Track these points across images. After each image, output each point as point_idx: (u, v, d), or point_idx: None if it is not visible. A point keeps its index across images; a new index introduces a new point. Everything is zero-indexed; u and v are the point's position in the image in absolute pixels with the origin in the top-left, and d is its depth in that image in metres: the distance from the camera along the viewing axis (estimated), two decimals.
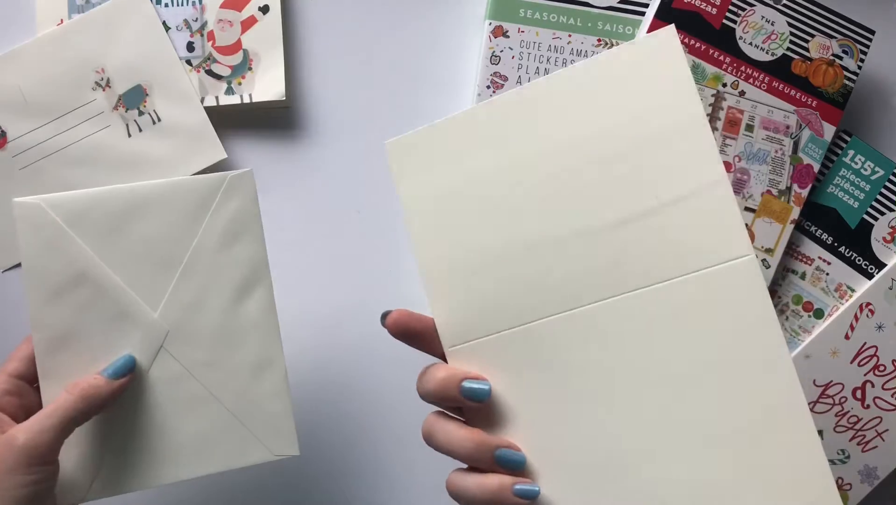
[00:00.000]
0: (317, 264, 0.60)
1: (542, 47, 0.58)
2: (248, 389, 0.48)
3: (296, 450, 0.48)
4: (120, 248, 0.47)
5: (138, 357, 0.47)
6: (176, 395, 0.47)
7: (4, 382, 0.45)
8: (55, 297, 0.46)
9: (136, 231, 0.47)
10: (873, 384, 0.57)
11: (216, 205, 0.48)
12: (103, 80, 0.57)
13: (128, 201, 0.47)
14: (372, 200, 0.60)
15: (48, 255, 0.46)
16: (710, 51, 0.57)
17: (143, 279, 0.47)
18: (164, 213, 0.47)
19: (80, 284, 0.46)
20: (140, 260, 0.47)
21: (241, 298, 0.48)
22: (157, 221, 0.48)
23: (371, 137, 0.61)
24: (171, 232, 0.48)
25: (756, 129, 0.57)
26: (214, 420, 0.48)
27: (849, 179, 0.59)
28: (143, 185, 0.48)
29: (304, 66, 0.61)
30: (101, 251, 0.47)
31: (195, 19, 0.58)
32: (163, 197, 0.48)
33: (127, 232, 0.47)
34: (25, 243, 0.46)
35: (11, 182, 0.57)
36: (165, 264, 0.47)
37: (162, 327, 0.47)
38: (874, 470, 0.57)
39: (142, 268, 0.47)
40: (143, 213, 0.47)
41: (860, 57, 0.57)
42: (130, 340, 0.47)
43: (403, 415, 0.60)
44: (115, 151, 0.57)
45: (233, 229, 0.48)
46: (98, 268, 0.47)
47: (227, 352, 0.48)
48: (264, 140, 0.60)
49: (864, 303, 0.58)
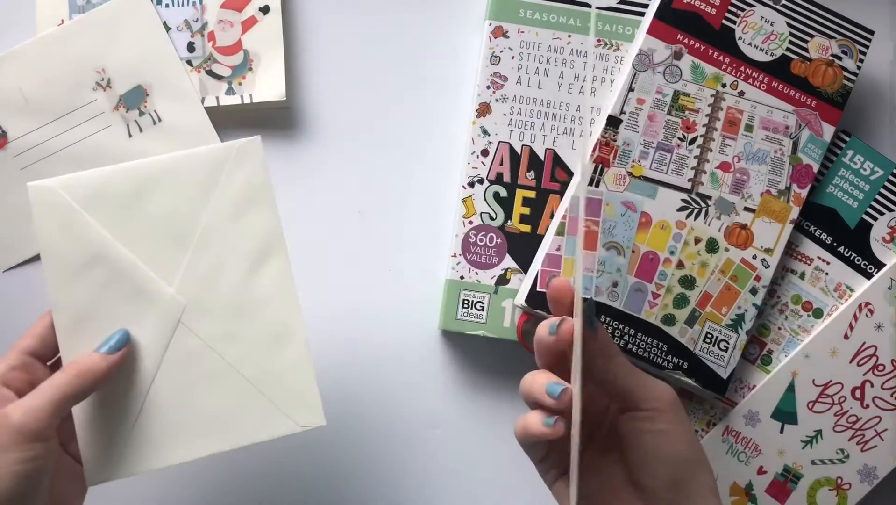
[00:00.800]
0: (317, 264, 0.60)
1: (542, 47, 0.58)
2: (269, 360, 0.48)
3: (321, 420, 0.47)
4: (134, 226, 0.47)
5: (157, 333, 0.47)
6: (197, 369, 0.47)
7: (16, 358, 0.45)
8: (73, 278, 0.46)
9: (148, 208, 0.47)
10: (872, 384, 0.57)
11: (226, 175, 0.48)
12: (104, 80, 0.57)
13: (138, 178, 0.47)
14: (372, 200, 0.60)
15: (64, 236, 0.46)
16: (709, 51, 0.57)
17: (158, 255, 0.47)
18: (174, 187, 0.47)
19: (96, 264, 0.46)
20: (154, 236, 0.47)
21: (257, 269, 0.48)
22: (168, 196, 0.47)
23: (371, 137, 0.61)
24: (183, 206, 0.47)
25: (755, 129, 0.57)
26: (237, 394, 0.47)
27: (848, 179, 0.59)
28: (153, 160, 0.47)
29: (304, 66, 0.61)
30: (116, 230, 0.47)
31: (196, 20, 0.58)
32: (172, 172, 0.47)
33: (139, 209, 0.47)
34: (41, 226, 0.46)
35: (12, 182, 0.57)
36: (179, 239, 0.47)
37: (179, 302, 0.47)
38: (873, 469, 0.58)
39: (156, 244, 0.47)
40: (154, 190, 0.47)
41: (859, 57, 0.57)
42: (149, 316, 0.47)
43: (403, 414, 0.60)
44: (116, 152, 0.57)
45: (245, 199, 0.48)
46: (113, 247, 0.47)
47: (245, 324, 0.48)
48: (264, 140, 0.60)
49: (863, 303, 0.58)
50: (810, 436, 0.58)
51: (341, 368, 0.60)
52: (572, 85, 0.58)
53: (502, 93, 0.58)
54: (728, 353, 0.57)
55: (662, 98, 0.57)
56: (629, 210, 0.57)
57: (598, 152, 0.56)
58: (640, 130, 0.57)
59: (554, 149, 0.58)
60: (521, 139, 0.58)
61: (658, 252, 0.57)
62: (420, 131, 0.61)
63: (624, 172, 0.57)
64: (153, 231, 0.47)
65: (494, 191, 0.58)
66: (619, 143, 0.56)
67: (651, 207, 0.57)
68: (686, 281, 0.57)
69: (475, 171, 0.58)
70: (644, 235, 0.57)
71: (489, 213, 0.58)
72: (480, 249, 0.58)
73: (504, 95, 0.58)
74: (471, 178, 0.58)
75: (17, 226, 0.57)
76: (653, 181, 0.57)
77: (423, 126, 0.61)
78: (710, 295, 0.57)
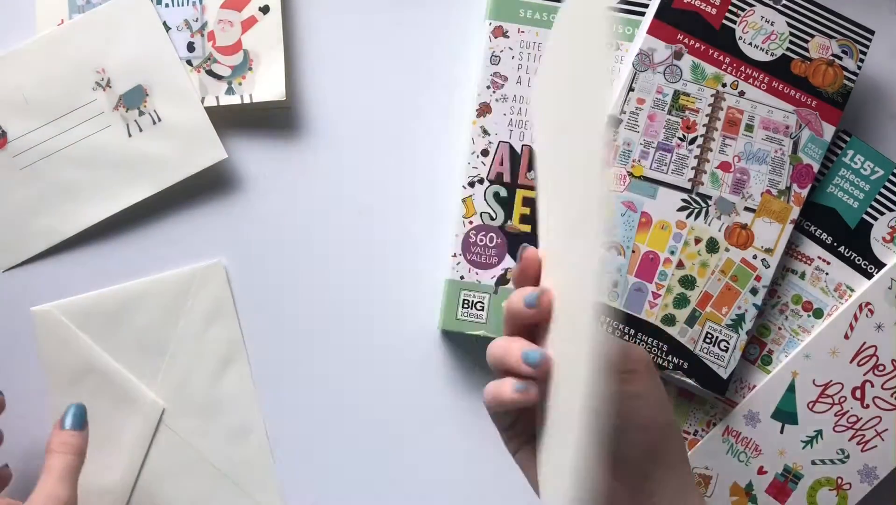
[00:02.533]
0: (317, 264, 0.60)
1: (542, 47, 0.58)
2: (234, 451, 0.57)
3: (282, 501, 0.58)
4: (119, 340, 0.57)
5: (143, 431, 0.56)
6: (176, 461, 0.57)
7: None
8: (71, 385, 0.56)
9: (131, 324, 0.57)
10: (873, 384, 0.57)
11: (192, 294, 0.58)
12: (104, 80, 0.57)
13: (121, 300, 0.57)
14: (372, 200, 0.60)
15: (62, 350, 0.56)
16: (709, 51, 0.57)
17: (139, 364, 0.57)
18: (151, 306, 0.57)
19: (89, 373, 0.56)
20: (136, 348, 0.57)
21: (221, 373, 0.57)
22: (146, 314, 0.57)
23: (371, 137, 0.61)
24: (159, 321, 0.57)
25: (756, 129, 0.57)
26: (209, 480, 0.57)
27: (848, 179, 0.59)
28: (133, 284, 0.57)
29: (304, 66, 0.61)
30: (104, 344, 0.56)
31: (195, 19, 0.58)
32: (149, 292, 0.57)
33: (124, 325, 0.57)
34: (43, 343, 0.56)
35: (12, 182, 0.57)
36: (157, 350, 0.57)
37: (159, 406, 0.57)
38: (874, 470, 0.58)
39: (138, 355, 0.57)
40: (135, 308, 0.57)
41: (860, 57, 0.57)
42: (135, 418, 0.56)
43: (403, 414, 0.60)
44: (116, 151, 0.57)
45: (210, 313, 0.58)
46: (102, 358, 0.56)
47: (214, 420, 0.57)
48: (264, 140, 0.60)
49: (863, 303, 0.58)
50: (810, 436, 0.58)
51: (341, 368, 0.60)
52: None
53: (502, 93, 0.58)
54: (728, 353, 0.57)
55: (662, 98, 0.57)
56: (629, 210, 0.57)
57: None
58: (641, 130, 0.57)
59: None
60: (522, 139, 0.58)
61: (658, 252, 0.57)
62: (420, 131, 0.61)
63: (624, 172, 0.57)
64: (135, 344, 0.57)
65: (495, 191, 0.58)
66: (620, 143, 0.56)
67: (651, 207, 0.57)
68: (686, 281, 0.57)
69: (475, 171, 0.58)
70: (644, 235, 0.56)
71: (489, 213, 0.58)
72: (481, 249, 0.58)
73: (504, 95, 0.58)
74: (471, 178, 0.58)
75: (17, 226, 0.57)
76: (653, 181, 0.57)
77: (423, 126, 0.61)
78: (711, 295, 0.57)
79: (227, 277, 0.58)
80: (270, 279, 0.59)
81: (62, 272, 0.58)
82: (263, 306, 0.59)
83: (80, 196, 0.57)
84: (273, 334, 0.59)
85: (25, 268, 0.58)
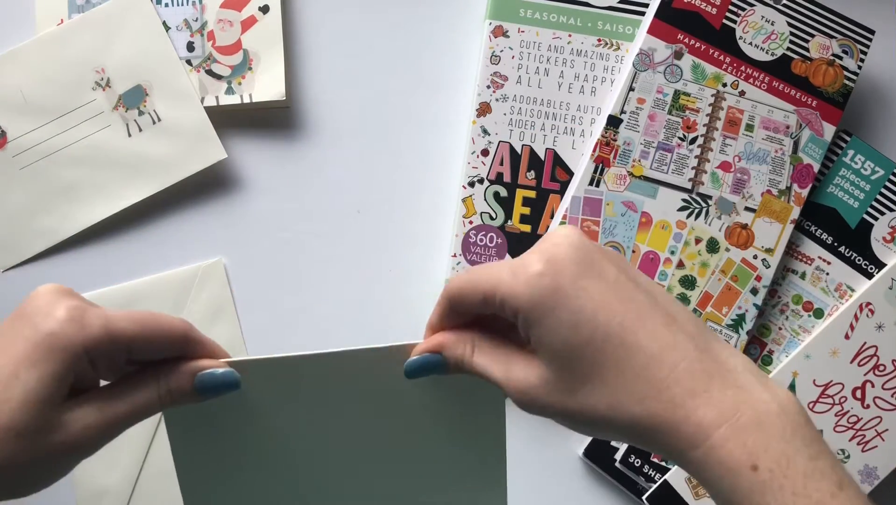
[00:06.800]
0: (317, 264, 0.60)
1: (541, 47, 0.58)
2: None
3: None
4: None
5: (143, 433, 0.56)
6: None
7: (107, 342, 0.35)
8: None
9: None
10: (873, 384, 0.57)
11: (193, 293, 0.57)
12: (103, 80, 0.57)
13: (123, 299, 0.57)
14: (372, 200, 0.60)
15: None
16: (710, 51, 0.57)
17: None
18: (152, 305, 0.57)
19: None
20: None
21: None
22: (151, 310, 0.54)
23: (371, 137, 0.61)
24: None
25: (756, 128, 0.57)
26: None
27: (849, 179, 0.59)
28: (134, 283, 0.57)
29: (304, 66, 0.61)
30: None
31: (195, 19, 0.58)
32: (150, 291, 0.58)
33: None
34: None
35: (12, 182, 0.57)
36: None
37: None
38: (874, 470, 0.57)
39: None
40: (136, 307, 0.55)
41: (860, 57, 0.57)
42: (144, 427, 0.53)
43: None
44: (116, 151, 0.57)
45: (211, 312, 0.58)
46: None
47: None
48: (264, 140, 0.60)
49: (864, 303, 0.58)
50: None
51: None
52: (572, 85, 0.58)
53: (502, 92, 0.58)
54: None
55: (663, 98, 0.56)
56: (629, 210, 0.57)
57: (598, 152, 0.56)
58: (641, 130, 0.56)
59: (554, 149, 0.58)
60: (522, 139, 0.58)
61: (658, 252, 0.56)
62: (420, 131, 0.61)
63: (624, 172, 0.57)
64: None
65: (495, 191, 0.58)
66: (620, 143, 0.56)
67: (651, 207, 0.56)
68: (687, 281, 0.57)
69: (475, 170, 0.58)
70: (644, 235, 0.56)
71: (489, 213, 0.58)
72: (480, 249, 0.57)
73: (504, 95, 0.58)
74: (471, 178, 0.58)
75: (17, 226, 0.57)
76: (653, 181, 0.57)
77: (423, 126, 0.61)
78: (711, 295, 0.57)
79: (227, 275, 0.58)
80: (270, 278, 0.59)
81: (62, 272, 0.58)
82: (263, 305, 0.59)
83: (80, 196, 0.57)
84: (273, 333, 0.59)
85: (25, 268, 0.58)
